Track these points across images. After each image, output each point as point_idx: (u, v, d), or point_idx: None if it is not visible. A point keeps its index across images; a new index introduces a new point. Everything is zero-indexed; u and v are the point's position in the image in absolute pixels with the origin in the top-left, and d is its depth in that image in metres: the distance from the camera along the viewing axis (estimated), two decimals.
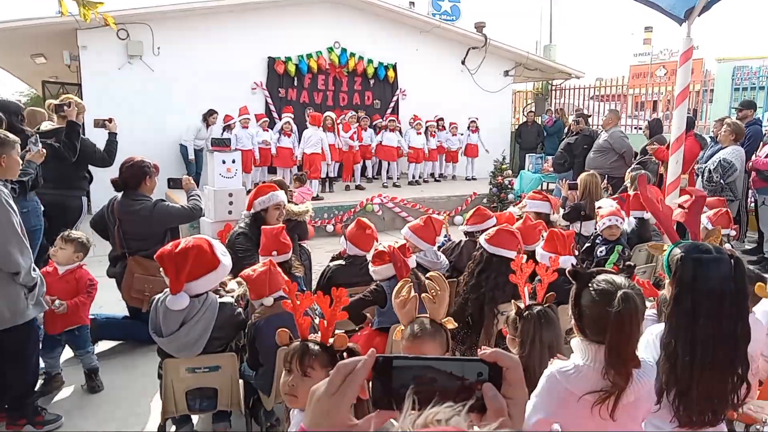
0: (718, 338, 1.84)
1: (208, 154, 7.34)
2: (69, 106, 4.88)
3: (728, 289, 1.85)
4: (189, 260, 2.81)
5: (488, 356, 0.73)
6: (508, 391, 0.72)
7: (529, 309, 2.30)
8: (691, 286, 1.88)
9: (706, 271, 1.87)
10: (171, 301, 2.79)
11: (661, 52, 19.53)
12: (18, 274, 2.96)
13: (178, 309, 2.80)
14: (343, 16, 11.95)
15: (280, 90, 11.63)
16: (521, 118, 15.33)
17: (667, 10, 4.97)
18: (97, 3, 2.52)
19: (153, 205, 4.23)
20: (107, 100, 9.56)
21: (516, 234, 3.70)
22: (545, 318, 2.28)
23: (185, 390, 2.95)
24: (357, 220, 4.07)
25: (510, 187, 9.89)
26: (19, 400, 3.21)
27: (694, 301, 1.86)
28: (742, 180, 6.97)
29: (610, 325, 1.71)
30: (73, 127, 4.89)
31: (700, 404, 1.86)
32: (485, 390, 0.70)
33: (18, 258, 2.93)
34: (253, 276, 2.99)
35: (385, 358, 0.73)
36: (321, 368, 1.94)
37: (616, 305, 1.70)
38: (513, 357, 0.74)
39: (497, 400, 0.70)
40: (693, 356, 1.84)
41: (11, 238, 2.91)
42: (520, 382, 0.73)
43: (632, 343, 1.75)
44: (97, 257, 7.06)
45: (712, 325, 1.84)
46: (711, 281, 1.86)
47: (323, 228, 8.70)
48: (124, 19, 9.54)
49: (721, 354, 1.85)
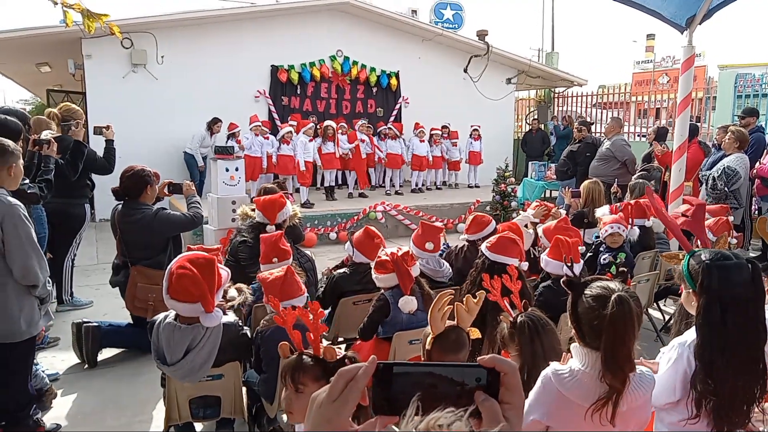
0: (745, 341, 1.88)
1: (211, 162, 7.37)
2: (77, 126, 4.88)
3: (749, 293, 1.90)
4: (215, 274, 2.81)
5: (486, 362, 0.74)
6: (506, 396, 0.73)
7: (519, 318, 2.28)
8: (719, 293, 1.91)
9: (731, 278, 1.91)
10: (208, 320, 2.75)
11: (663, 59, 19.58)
12: (35, 287, 3.00)
13: (213, 325, 2.79)
14: (346, 24, 12.02)
15: (283, 98, 11.68)
16: (524, 125, 15.36)
17: (668, 18, 5.00)
18: (101, 15, 2.55)
19: (154, 214, 4.21)
20: (111, 109, 9.61)
21: (517, 241, 3.70)
22: (538, 322, 2.26)
23: (188, 398, 2.95)
24: (365, 227, 4.03)
25: (513, 195, 9.89)
26: (19, 413, 3.19)
27: (723, 307, 1.90)
28: (746, 188, 6.96)
29: (604, 328, 1.75)
30: (79, 147, 4.90)
31: (736, 407, 1.90)
32: (476, 396, 0.71)
33: (38, 271, 2.97)
34: (268, 279, 2.99)
35: (386, 364, 0.73)
36: (313, 382, 1.92)
37: (610, 307, 1.74)
38: (510, 362, 0.75)
39: (490, 405, 0.71)
40: (727, 362, 1.88)
41: (31, 253, 2.95)
42: (517, 387, 0.74)
43: (627, 346, 1.76)
44: (101, 265, 7.14)
45: (740, 329, 1.88)
46: (736, 286, 1.90)
47: (326, 236, 8.70)
48: (129, 29, 9.60)
49: (749, 356, 1.89)
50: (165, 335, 2.81)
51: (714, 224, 4.26)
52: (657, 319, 4.96)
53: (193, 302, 2.74)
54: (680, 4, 4.87)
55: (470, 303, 2.23)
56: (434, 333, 2.15)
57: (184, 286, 2.72)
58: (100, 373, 4.15)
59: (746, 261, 1.95)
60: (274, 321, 2.88)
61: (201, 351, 2.80)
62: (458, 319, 2.21)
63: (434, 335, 2.17)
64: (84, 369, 4.20)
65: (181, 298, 2.74)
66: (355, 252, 3.93)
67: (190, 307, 2.76)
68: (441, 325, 2.15)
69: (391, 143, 11.14)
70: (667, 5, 4.94)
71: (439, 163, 11.92)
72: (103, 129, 5.31)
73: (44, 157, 4.21)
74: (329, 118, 11.44)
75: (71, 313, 5.12)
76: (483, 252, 3.66)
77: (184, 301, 2.74)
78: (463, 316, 2.22)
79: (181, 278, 2.73)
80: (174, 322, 2.83)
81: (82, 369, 4.20)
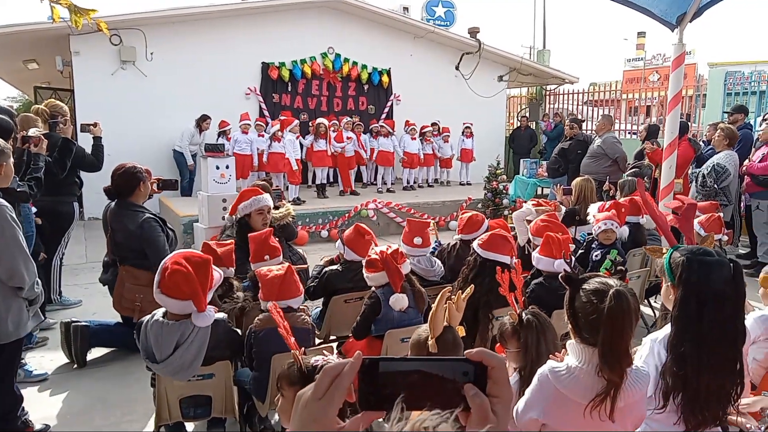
0: (722, 339, 1.88)
1: (201, 160, 7.32)
2: (65, 123, 4.81)
3: (729, 291, 1.89)
4: (209, 274, 2.81)
5: (474, 355, 0.73)
6: (494, 389, 0.72)
7: (525, 315, 2.30)
8: (697, 287, 1.91)
9: (711, 274, 1.91)
10: (201, 320, 2.74)
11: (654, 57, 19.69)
12: (22, 288, 2.96)
13: (206, 325, 2.77)
14: (337, 21, 11.97)
15: (274, 95, 11.62)
16: (515, 123, 15.39)
17: (659, 16, 5.01)
18: (89, 10, 2.51)
19: (141, 223, 4.06)
20: (100, 106, 9.52)
21: (509, 239, 3.70)
22: (543, 320, 2.29)
23: (179, 397, 2.93)
24: (355, 225, 4.02)
25: (505, 192, 9.91)
26: (6, 414, 3.15)
27: (700, 302, 1.90)
28: (735, 185, 7.01)
29: (603, 322, 1.75)
30: (68, 145, 4.82)
31: (708, 404, 1.89)
32: (467, 390, 0.70)
33: (23, 273, 2.94)
34: (266, 277, 2.97)
35: (371, 359, 0.72)
36: (289, 387, 1.94)
37: (608, 301, 1.75)
38: (498, 356, 0.74)
39: (480, 398, 0.70)
40: (700, 357, 1.87)
41: (17, 255, 2.92)
42: (505, 380, 0.73)
43: (625, 340, 1.78)
44: (90, 263, 7.08)
45: (716, 326, 1.88)
46: (715, 283, 1.90)
47: (318, 233, 8.67)
48: (117, 25, 9.51)
49: (725, 354, 1.89)
50: (153, 332, 2.79)
51: (706, 221, 4.28)
52: (648, 315, 4.98)
53: (184, 299, 2.73)
54: (671, 2, 4.88)
55: (459, 301, 2.24)
56: (434, 336, 2.15)
57: (176, 282, 2.71)
58: (89, 373, 4.11)
59: (728, 260, 1.95)
60: (268, 321, 2.87)
61: (191, 347, 2.78)
62: (450, 318, 2.21)
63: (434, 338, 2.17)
64: (73, 368, 4.16)
65: (172, 294, 2.73)
66: (346, 249, 3.92)
67: (181, 303, 2.74)
68: (440, 327, 2.16)
69: (383, 141, 11.11)
70: (657, 3, 4.95)
71: (431, 160, 11.90)
72: (90, 126, 5.26)
73: (33, 155, 4.16)
74: (320, 115, 11.39)
75: (60, 313, 5.07)
76: (475, 249, 3.66)
77: (175, 297, 2.73)
78: (453, 315, 2.22)
79: (174, 274, 2.71)
80: (162, 320, 2.81)
81: (71, 369, 4.16)
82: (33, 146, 4.20)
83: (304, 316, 3.04)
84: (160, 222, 4.22)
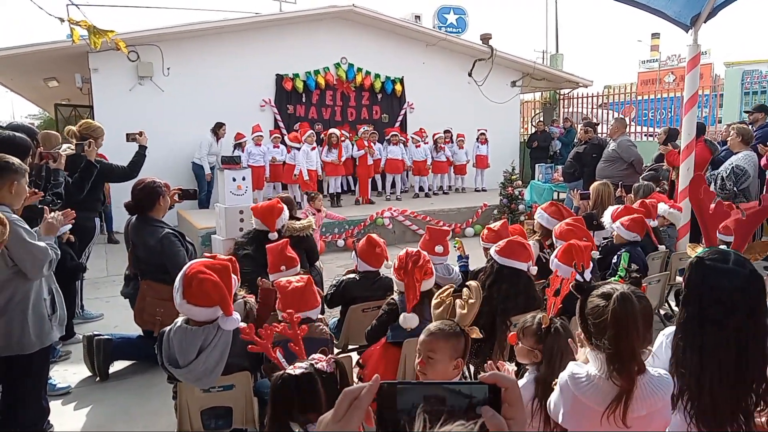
0: (727, 349, 1.81)
1: (218, 173, 7.41)
2: (89, 145, 4.86)
3: (739, 301, 1.81)
4: (231, 278, 2.87)
5: (487, 378, 0.75)
6: (509, 411, 0.74)
7: (554, 323, 2.31)
8: (699, 291, 1.88)
9: (715, 280, 1.85)
10: (228, 323, 2.76)
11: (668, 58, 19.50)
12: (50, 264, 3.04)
13: (233, 328, 2.80)
14: (350, 31, 12.07)
15: (289, 107, 11.73)
16: (530, 128, 15.33)
17: (673, 18, 4.98)
18: (108, 31, 2.57)
19: (161, 239, 4.08)
20: (119, 121, 9.63)
21: (527, 245, 3.68)
22: (568, 333, 2.29)
23: (200, 409, 2.95)
24: (367, 236, 4.04)
25: (520, 198, 9.86)
26: (34, 426, 3.20)
27: (701, 306, 1.86)
28: (755, 186, 6.90)
29: (608, 324, 1.76)
30: (89, 168, 4.86)
31: (718, 413, 1.84)
32: (484, 412, 0.72)
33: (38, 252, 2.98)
34: (288, 288, 2.99)
35: (390, 383, 0.75)
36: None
37: (612, 303, 1.76)
38: (510, 378, 0.76)
39: (497, 419, 0.71)
40: (701, 362, 1.83)
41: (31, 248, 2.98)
42: (518, 401, 0.75)
43: (631, 342, 1.76)
44: (111, 277, 7.17)
45: (720, 334, 1.82)
46: (718, 291, 1.83)
47: (334, 243, 8.71)
48: (134, 41, 9.69)
49: (731, 365, 1.80)
50: (177, 338, 2.82)
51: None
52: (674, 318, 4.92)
53: (211, 306, 2.76)
54: (685, 3, 4.85)
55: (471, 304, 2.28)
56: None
57: (206, 290, 2.73)
58: (112, 386, 4.16)
59: (749, 271, 1.84)
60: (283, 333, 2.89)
61: (214, 350, 2.80)
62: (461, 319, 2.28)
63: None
64: (96, 382, 4.22)
65: (200, 303, 2.75)
66: (360, 261, 3.93)
67: (207, 311, 2.78)
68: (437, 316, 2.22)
69: (392, 149, 11.14)
70: (671, 4, 4.93)
71: (444, 167, 11.90)
72: (136, 135, 5.40)
73: (53, 171, 4.23)
74: (334, 125, 11.48)
75: (82, 326, 5.15)
76: (492, 256, 3.65)
77: (203, 305, 2.76)
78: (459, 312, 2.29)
79: (203, 282, 2.74)
80: (185, 326, 2.85)
81: (93, 382, 4.22)
82: (52, 161, 4.27)
83: (322, 326, 3.05)
84: (179, 236, 4.26)
